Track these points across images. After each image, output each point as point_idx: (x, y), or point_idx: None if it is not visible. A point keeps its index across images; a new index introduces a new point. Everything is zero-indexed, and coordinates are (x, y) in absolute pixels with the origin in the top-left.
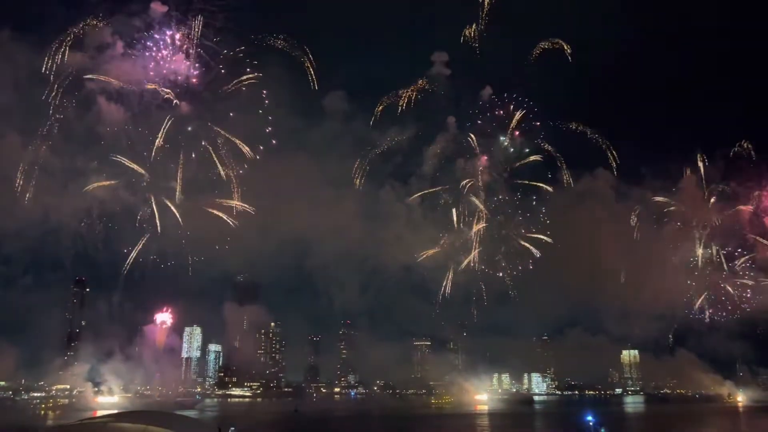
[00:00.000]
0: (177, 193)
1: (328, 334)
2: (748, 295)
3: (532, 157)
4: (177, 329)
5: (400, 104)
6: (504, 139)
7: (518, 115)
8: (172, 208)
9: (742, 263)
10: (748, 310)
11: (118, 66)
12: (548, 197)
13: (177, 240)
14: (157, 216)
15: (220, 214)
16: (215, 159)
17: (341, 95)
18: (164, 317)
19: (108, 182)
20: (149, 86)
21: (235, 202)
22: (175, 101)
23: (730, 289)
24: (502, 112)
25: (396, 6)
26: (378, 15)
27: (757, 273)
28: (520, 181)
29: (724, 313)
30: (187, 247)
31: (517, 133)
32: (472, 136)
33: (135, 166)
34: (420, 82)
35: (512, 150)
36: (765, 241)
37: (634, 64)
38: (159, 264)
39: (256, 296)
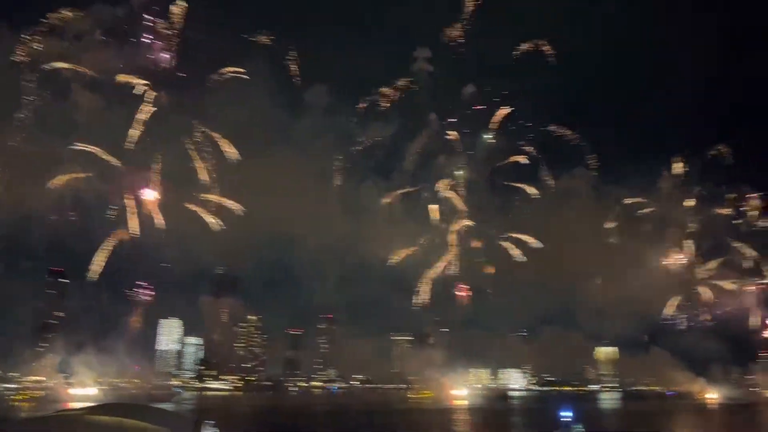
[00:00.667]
0: (154, 185)
1: (309, 328)
2: (722, 297)
3: (513, 158)
4: (154, 321)
5: (383, 102)
6: (486, 138)
7: (500, 113)
8: (151, 200)
9: (716, 266)
10: (718, 312)
11: (96, 55)
12: (530, 197)
13: (156, 233)
14: (133, 208)
15: (198, 210)
16: (194, 151)
17: (324, 89)
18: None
19: (83, 174)
20: (121, 79)
21: (215, 197)
22: (148, 92)
23: (705, 289)
24: (485, 108)
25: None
26: (363, 8)
27: (732, 275)
28: (501, 181)
29: (698, 313)
30: (166, 240)
31: (497, 132)
32: (454, 133)
33: (109, 158)
34: (401, 82)
35: (493, 149)
36: (739, 245)
37: (617, 65)
38: (137, 256)
39: (235, 289)
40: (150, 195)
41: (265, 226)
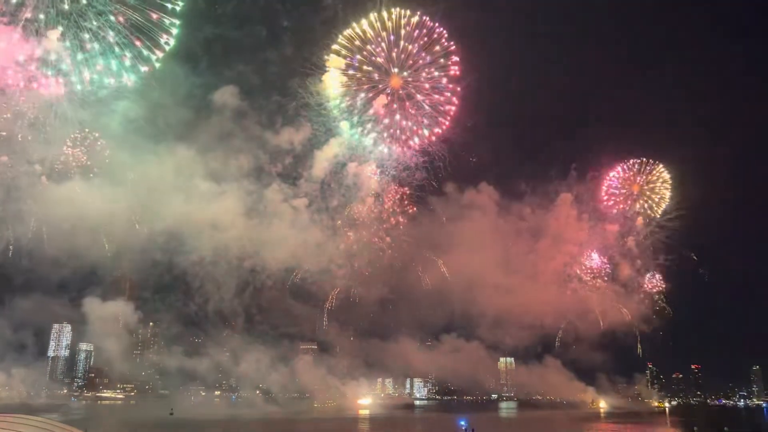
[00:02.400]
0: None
1: (205, 335)
2: (608, 309)
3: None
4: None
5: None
6: (393, 149)
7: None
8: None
9: (604, 278)
10: (601, 326)
11: None
12: (432, 208)
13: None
14: None
15: None
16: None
17: (233, 90)
18: None
19: None
20: None
21: None
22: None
23: (593, 301)
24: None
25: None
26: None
27: (617, 287)
28: (406, 191)
29: (587, 325)
30: (47, 237)
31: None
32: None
33: None
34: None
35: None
36: (624, 261)
37: (519, 83)
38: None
39: (128, 293)
40: None
41: (157, 227)
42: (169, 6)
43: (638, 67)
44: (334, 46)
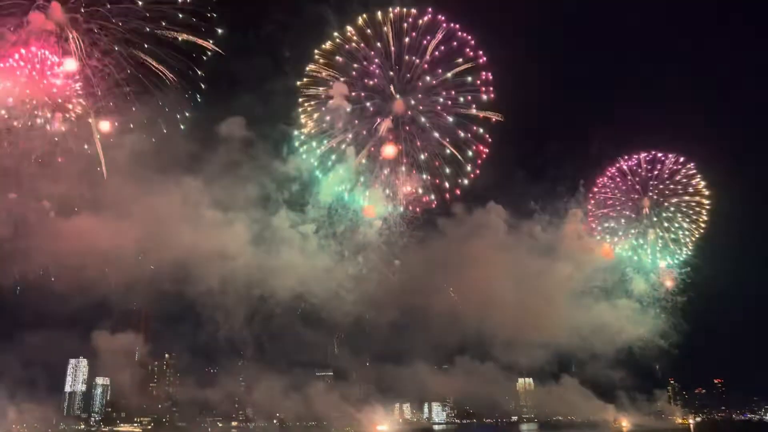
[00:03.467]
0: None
1: (221, 366)
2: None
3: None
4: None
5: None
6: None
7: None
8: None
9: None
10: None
11: None
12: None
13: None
14: None
15: None
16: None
17: (239, 121)
18: None
19: None
20: None
21: None
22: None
23: (609, 317)
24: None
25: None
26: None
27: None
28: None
29: (603, 342)
30: (55, 273)
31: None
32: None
33: None
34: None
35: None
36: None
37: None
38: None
39: (139, 325)
40: None
41: (164, 257)
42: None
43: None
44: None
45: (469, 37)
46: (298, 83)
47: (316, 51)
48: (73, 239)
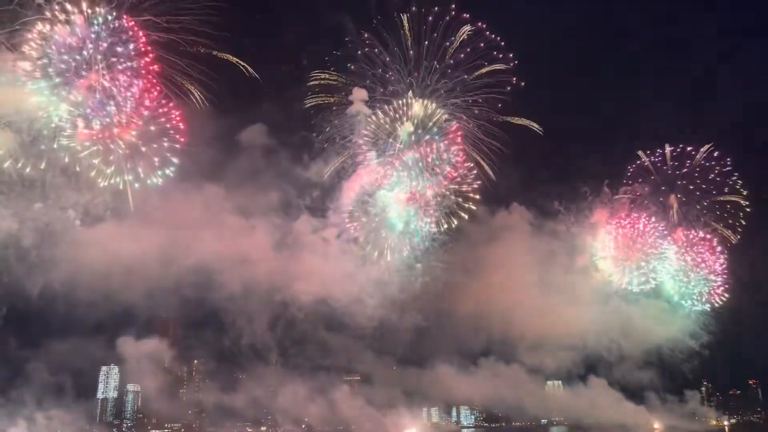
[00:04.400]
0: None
1: (247, 371)
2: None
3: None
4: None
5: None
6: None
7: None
8: None
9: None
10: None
11: None
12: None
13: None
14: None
15: None
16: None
17: (260, 129)
18: None
19: None
20: None
21: None
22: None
23: (637, 317)
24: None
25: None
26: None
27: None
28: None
29: (632, 343)
30: (81, 281)
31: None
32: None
33: None
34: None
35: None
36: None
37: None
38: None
39: (166, 332)
40: None
41: (186, 263)
42: None
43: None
44: None
45: (494, 36)
46: (317, 90)
47: (332, 57)
48: (97, 247)
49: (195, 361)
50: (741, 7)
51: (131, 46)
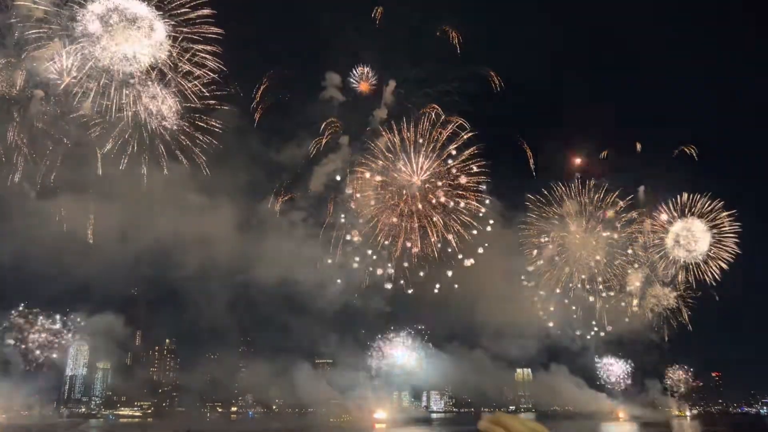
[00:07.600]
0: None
1: (225, 352)
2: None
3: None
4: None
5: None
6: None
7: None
8: None
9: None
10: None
11: None
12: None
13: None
14: None
15: None
16: None
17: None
18: None
19: None
20: None
21: None
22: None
23: (597, 309)
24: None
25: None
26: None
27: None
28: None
29: (593, 333)
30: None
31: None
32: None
33: None
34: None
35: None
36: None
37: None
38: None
39: (143, 311)
40: None
41: (144, 242)
42: None
43: None
44: None
45: None
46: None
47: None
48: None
49: (167, 341)
50: None
51: None
